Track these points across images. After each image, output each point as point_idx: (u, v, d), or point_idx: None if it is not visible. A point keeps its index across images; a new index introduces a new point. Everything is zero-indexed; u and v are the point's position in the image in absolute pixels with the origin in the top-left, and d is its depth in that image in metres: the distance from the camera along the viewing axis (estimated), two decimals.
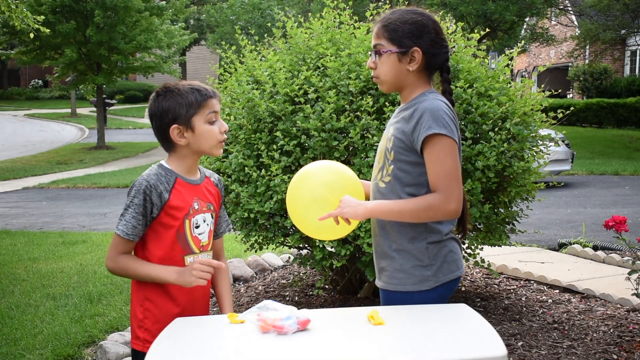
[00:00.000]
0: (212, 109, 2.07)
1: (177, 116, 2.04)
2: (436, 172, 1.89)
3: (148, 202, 2.00)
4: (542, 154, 3.96)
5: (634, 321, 3.85)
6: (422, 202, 1.91)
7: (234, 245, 6.30)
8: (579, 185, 11.22)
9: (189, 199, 2.08)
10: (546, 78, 24.39)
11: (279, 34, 4.29)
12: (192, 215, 2.08)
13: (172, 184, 2.05)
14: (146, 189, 2.00)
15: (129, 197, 2.02)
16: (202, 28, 32.75)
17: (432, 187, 1.91)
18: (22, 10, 7.84)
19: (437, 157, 1.89)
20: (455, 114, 1.98)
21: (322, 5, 15.02)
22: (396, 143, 1.98)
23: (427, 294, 1.97)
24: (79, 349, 3.71)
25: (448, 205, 1.89)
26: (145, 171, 2.08)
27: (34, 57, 18.92)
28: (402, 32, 1.98)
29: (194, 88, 2.06)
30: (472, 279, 4.94)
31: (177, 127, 2.04)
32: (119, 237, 2.02)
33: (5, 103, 36.51)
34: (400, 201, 1.96)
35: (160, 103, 2.06)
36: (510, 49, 4.37)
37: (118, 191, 12.32)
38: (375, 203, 2.00)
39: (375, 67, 2.04)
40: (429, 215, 1.92)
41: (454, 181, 1.89)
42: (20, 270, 5.74)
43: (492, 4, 16.68)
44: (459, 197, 1.90)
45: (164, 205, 2.02)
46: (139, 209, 2.00)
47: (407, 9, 2.04)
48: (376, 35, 2.04)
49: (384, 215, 1.99)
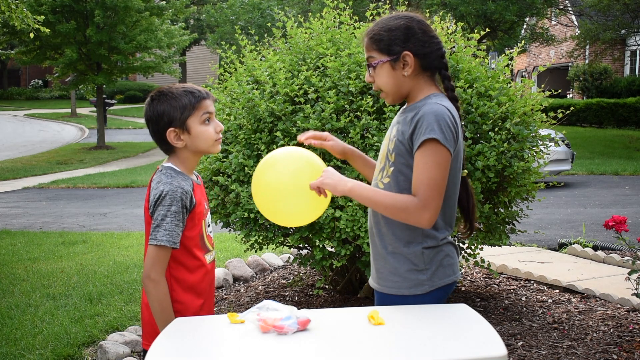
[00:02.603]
0: (206, 110, 2.09)
1: (172, 119, 2.06)
2: (420, 178, 1.87)
3: (184, 207, 2.02)
4: (542, 153, 3.96)
5: (634, 321, 3.85)
6: (399, 202, 1.89)
7: (234, 245, 6.30)
8: (579, 185, 11.22)
9: (202, 199, 2.13)
10: (546, 78, 24.39)
11: (279, 34, 4.29)
12: (205, 215, 2.14)
13: (192, 187, 2.09)
14: (182, 195, 2.01)
15: (162, 206, 2.00)
16: (202, 28, 32.75)
17: (413, 192, 1.88)
18: (22, 10, 7.83)
19: (425, 164, 1.86)
20: (458, 121, 1.94)
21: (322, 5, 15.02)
22: (397, 145, 1.96)
23: (422, 297, 1.96)
24: (79, 349, 3.71)
25: (422, 213, 1.86)
26: (162, 177, 2.06)
27: (34, 57, 18.91)
28: (389, 39, 1.96)
29: (187, 90, 2.09)
30: (472, 279, 4.94)
31: (174, 130, 2.07)
32: (162, 249, 2.00)
33: (5, 103, 36.51)
34: (380, 192, 1.94)
35: (155, 107, 2.09)
36: (510, 49, 4.37)
37: (118, 191, 12.32)
38: (356, 184, 1.96)
39: (373, 80, 2.03)
40: (401, 217, 1.90)
41: (434, 192, 1.86)
42: (20, 270, 5.74)
43: (492, 4, 16.67)
44: (436, 208, 1.86)
45: (192, 209, 2.06)
46: (179, 216, 2.00)
47: (390, 15, 2.03)
48: (366, 48, 2.03)
49: (360, 199, 1.96)
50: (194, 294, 2.11)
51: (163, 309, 2.01)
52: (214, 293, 2.27)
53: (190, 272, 2.09)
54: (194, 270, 2.10)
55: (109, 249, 6.62)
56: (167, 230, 1.99)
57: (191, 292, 2.10)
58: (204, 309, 2.14)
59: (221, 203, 3.89)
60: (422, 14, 2.05)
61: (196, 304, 2.11)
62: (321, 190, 1.98)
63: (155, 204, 2.01)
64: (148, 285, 2.01)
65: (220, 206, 3.90)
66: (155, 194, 2.02)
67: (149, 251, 2.02)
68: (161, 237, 1.98)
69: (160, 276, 2.01)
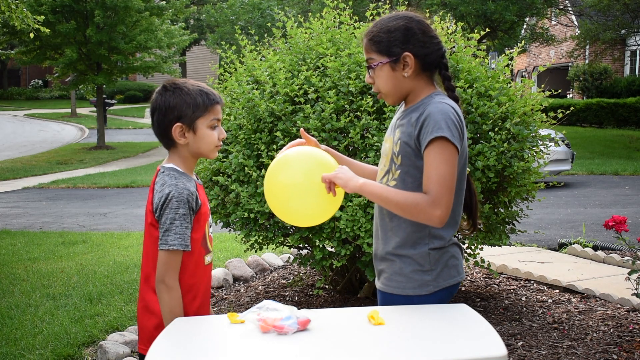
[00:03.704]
0: (216, 115, 2.08)
1: (182, 115, 2.02)
2: (429, 175, 1.87)
3: (191, 209, 2.00)
4: (542, 153, 3.96)
5: (634, 321, 3.85)
6: (410, 199, 1.89)
7: (234, 245, 6.30)
8: (579, 185, 11.22)
9: (204, 199, 2.11)
10: (546, 78, 24.38)
11: (279, 34, 4.29)
12: (208, 216, 2.12)
13: (196, 187, 2.07)
14: (189, 196, 1.98)
15: (169, 210, 1.96)
16: (202, 28, 32.74)
17: (424, 190, 1.89)
18: (22, 10, 7.83)
19: (434, 161, 1.87)
20: (462, 119, 1.94)
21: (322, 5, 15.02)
22: (404, 147, 1.96)
23: (426, 298, 1.96)
24: (79, 349, 3.71)
25: (434, 210, 1.86)
26: (166, 179, 2.02)
27: (34, 57, 18.92)
28: (388, 41, 1.96)
29: (202, 90, 2.05)
30: (472, 279, 4.94)
31: (180, 126, 2.03)
32: (174, 253, 1.96)
33: (5, 103, 36.51)
34: (391, 190, 1.94)
35: (167, 98, 2.04)
36: (510, 49, 4.37)
37: (118, 191, 12.32)
38: (367, 182, 1.97)
39: (373, 81, 2.03)
40: (413, 214, 1.90)
41: (445, 188, 1.86)
42: (20, 270, 5.74)
43: (492, 4, 16.67)
44: (447, 205, 1.87)
45: (198, 210, 2.03)
46: (187, 219, 1.98)
47: (389, 16, 2.02)
48: (365, 50, 2.02)
49: (371, 196, 1.97)
50: (192, 295, 2.08)
51: (174, 316, 1.96)
52: (209, 295, 2.24)
53: (190, 274, 2.05)
54: (194, 272, 2.06)
55: (109, 249, 6.62)
56: (178, 234, 1.95)
57: (190, 294, 2.08)
58: (200, 311, 2.10)
59: (221, 203, 3.89)
60: (422, 14, 2.05)
61: (194, 306, 2.09)
62: (331, 186, 1.97)
63: (162, 207, 1.97)
64: (162, 290, 1.96)
65: (220, 206, 3.90)
66: (160, 197, 1.97)
67: (160, 256, 1.97)
68: (172, 241, 1.95)
69: (174, 281, 1.97)
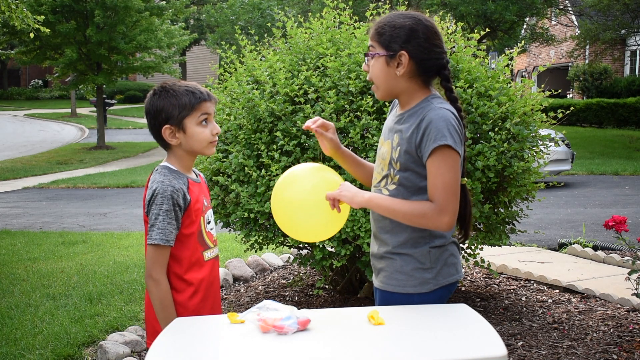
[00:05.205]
0: (204, 111, 2.11)
1: (169, 117, 2.08)
2: (435, 184, 1.89)
3: (176, 205, 2.04)
4: (542, 154, 3.96)
5: (634, 321, 3.85)
6: (417, 208, 1.91)
7: (234, 245, 6.30)
8: (579, 185, 11.22)
9: (200, 197, 2.15)
10: (546, 78, 24.39)
11: (279, 34, 4.29)
12: (204, 213, 2.16)
13: (187, 185, 2.10)
14: (173, 193, 2.03)
15: (154, 205, 2.03)
16: (202, 28, 32.74)
17: (430, 198, 1.91)
18: (22, 10, 7.83)
19: (438, 169, 1.88)
20: (461, 122, 1.95)
21: (322, 5, 15.01)
22: (404, 154, 1.96)
23: (426, 296, 1.97)
24: (79, 349, 3.71)
25: (441, 217, 1.88)
26: (156, 176, 2.09)
27: (34, 57, 18.92)
28: (391, 35, 1.96)
29: (189, 90, 2.10)
30: (472, 279, 4.94)
31: (170, 128, 2.09)
32: (158, 248, 2.03)
33: (5, 103, 36.50)
34: (397, 201, 1.95)
35: (155, 102, 2.11)
36: (510, 49, 4.37)
37: (118, 191, 12.32)
38: (373, 195, 2.00)
39: (368, 69, 2.04)
40: (421, 223, 1.92)
41: (451, 195, 1.88)
42: (20, 270, 5.74)
43: (492, 4, 16.67)
44: (454, 211, 1.89)
45: (187, 206, 2.07)
46: (170, 214, 2.03)
47: (401, 12, 2.02)
48: (370, 37, 2.04)
49: (378, 208, 1.99)
50: (192, 291, 2.12)
51: (164, 307, 2.04)
52: (219, 291, 2.27)
53: (186, 270, 2.10)
54: (190, 267, 2.11)
55: (109, 249, 6.62)
56: (160, 229, 2.02)
57: (189, 289, 2.11)
58: (206, 307, 2.15)
59: (221, 203, 3.89)
60: (432, 20, 2.03)
61: (194, 301, 2.12)
62: (335, 203, 2.00)
63: (149, 204, 2.06)
64: (149, 284, 2.05)
65: (220, 206, 3.90)
66: (148, 194, 2.07)
67: (147, 251, 2.05)
68: (155, 236, 2.02)
69: (161, 275, 2.05)
